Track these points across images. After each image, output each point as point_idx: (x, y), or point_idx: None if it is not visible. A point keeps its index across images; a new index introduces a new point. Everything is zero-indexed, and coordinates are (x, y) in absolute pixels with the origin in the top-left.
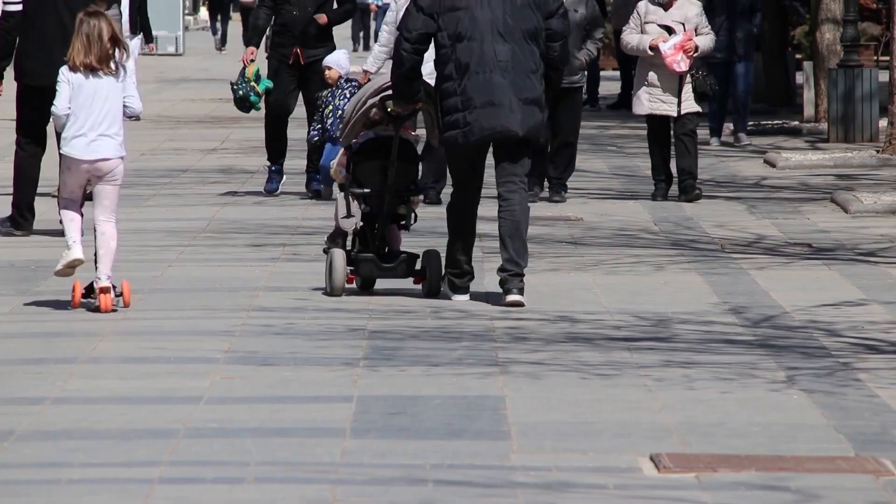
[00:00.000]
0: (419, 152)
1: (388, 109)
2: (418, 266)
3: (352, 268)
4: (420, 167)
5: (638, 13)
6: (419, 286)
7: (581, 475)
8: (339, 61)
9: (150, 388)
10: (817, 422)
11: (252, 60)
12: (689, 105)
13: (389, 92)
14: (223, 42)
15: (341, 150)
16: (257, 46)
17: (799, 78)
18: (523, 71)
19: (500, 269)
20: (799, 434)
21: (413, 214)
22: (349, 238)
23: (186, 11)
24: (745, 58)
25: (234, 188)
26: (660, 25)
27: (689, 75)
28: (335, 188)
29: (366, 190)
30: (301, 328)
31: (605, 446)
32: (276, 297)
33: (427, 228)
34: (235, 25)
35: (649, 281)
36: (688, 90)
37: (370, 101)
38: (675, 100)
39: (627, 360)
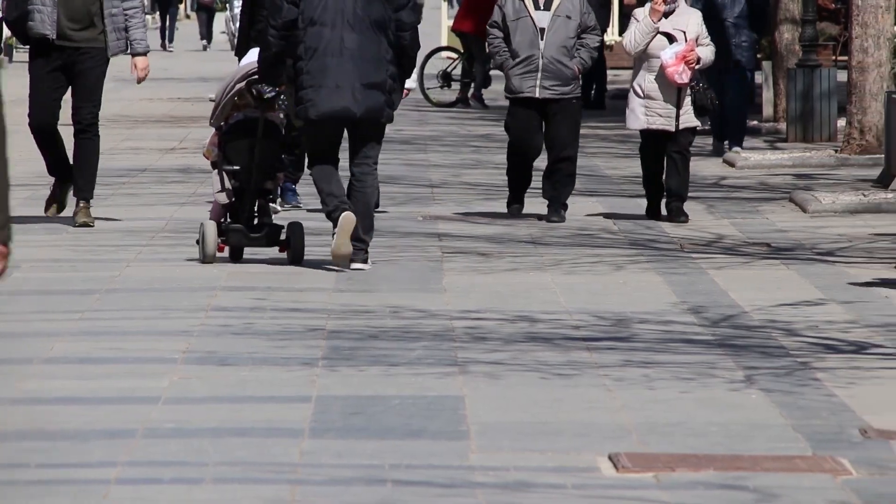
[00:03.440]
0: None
1: (256, 93)
2: (283, 236)
3: (223, 237)
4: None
5: (636, 19)
6: (284, 254)
7: (540, 475)
8: None
9: (108, 388)
10: (776, 421)
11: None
12: (688, 119)
13: (255, 77)
14: (170, 40)
15: (214, 131)
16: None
17: (758, 78)
18: (368, 57)
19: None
20: (757, 433)
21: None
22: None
23: (146, 11)
24: (742, 66)
25: (193, 188)
26: (661, 33)
27: (689, 87)
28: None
29: (235, 167)
30: (259, 328)
31: (564, 446)
32: (234, 296)
33: (388, 228)
34: (189, 25)
35: (608, 281)
36: (687, 103)
37: (238, 86)
38: (674, 113)
39: (587, 359)
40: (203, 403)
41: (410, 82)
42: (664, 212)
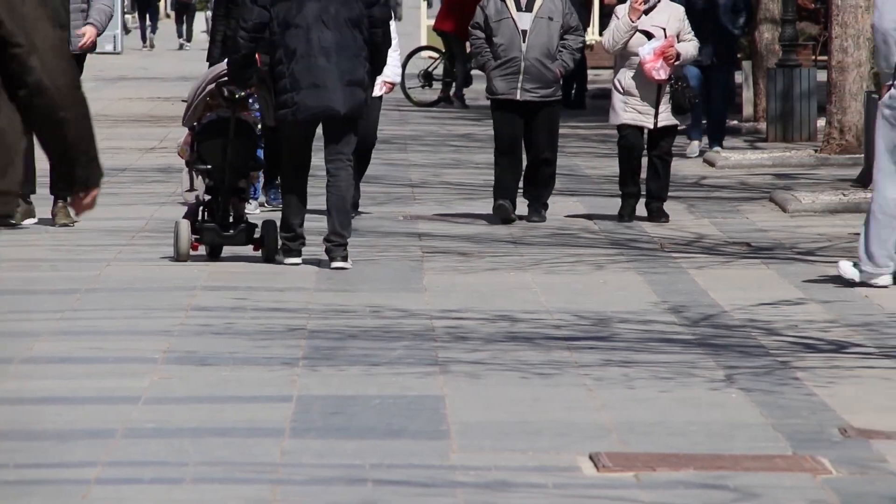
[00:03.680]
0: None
1: (227, 93)
2: (257, 234)
3: (197, 236)
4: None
5: (616, 16)
6: (258, 252)
7: (520, 474)
8: None
9: (88, 388)
10: (756, 420)
11: None
12: (667, 118)
13: (226, 78)
14: (151, 41)
15: (187, 131)
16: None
17: (738, 77)
18: (346, 55)
19: (326, 240)
20: (737, 433)
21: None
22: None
23: (125, 10)
24: (723, 64)
25: (174, 188)
26: (640, 31)
27: (667, 85)
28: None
29: (208, 166)
30: (240, 328)
31: (545, 445)
32: (214, 296)
33: (369, 228)
34: (170, 24)
35: (589, 280)
36: (666, 101)
37: (209, 87)
38: (653, 110)
39: (567, 359)
40: (183, 403)
41: (394, 76)
42: (645, 212)
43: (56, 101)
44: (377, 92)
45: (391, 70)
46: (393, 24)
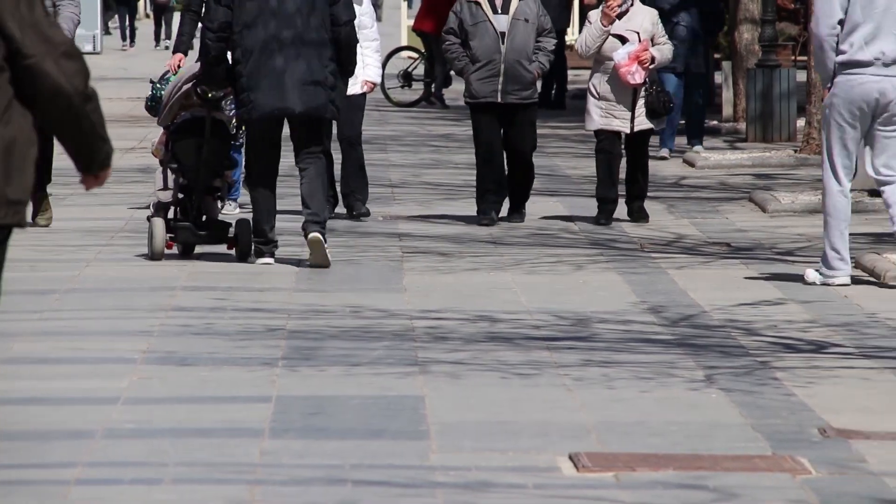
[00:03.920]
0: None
1: (201, 93)
2: (231, 233)
3: (171, 235)
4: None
5: (589, 21)
6: (232, 251)
7: (500, 475)
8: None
9: (67, 388)
10: (735, 421)
11: (180, 67)
12: (643, 121)
13: (200, 78)
14: (131, 40)
15: (162, 130)
16: (185, 54)
17: (717, 78)
18: (307, 54)
19: (304, 224)
20: (717, 433)
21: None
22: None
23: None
24: (699, 67)
25: (153, 188)
26: (613, 35)
27: (643, 89)
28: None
29: (183, 165)
30: (220, 328)
31: (525, 446)
32: (194, 296)
33: (348, 228)
34: (149, 24)
35: (569, 280)
36: (642, 105)
37: (185, 87)
38: (629, 115)
39: (547, 359)
40: (163, 403)
41: (375, 76)
42: (625, 214)
43: (74, 101)
44: (358, 90)
45: (372, 70)
46: (375, 24)
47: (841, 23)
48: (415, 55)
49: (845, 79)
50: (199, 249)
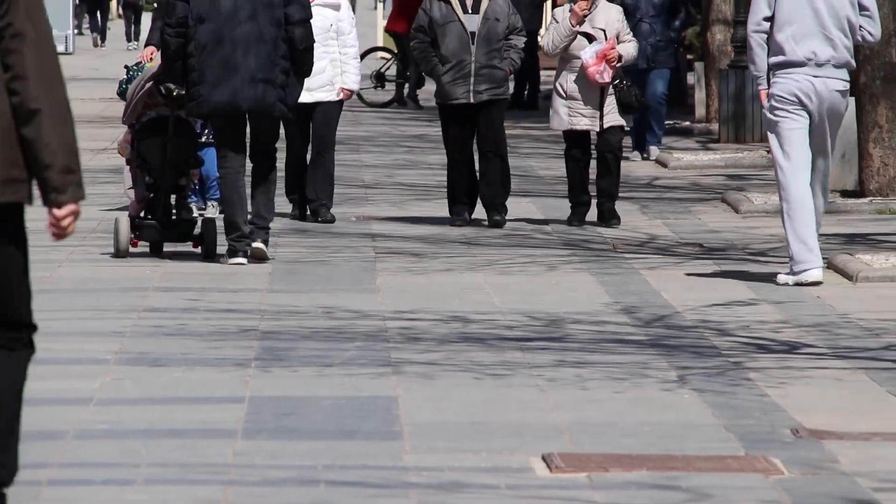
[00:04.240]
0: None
1: (165, 91)
2: (197, 231)
3: (136, 232)
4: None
5: (555, 19)
6: (198, 250)
7: (473, 475)
8: None
9: (40, 389)
10: (708, 421)
11: (151, 59)
12: (613, 118)
13: (162, 76)
14: (102, 39)
15: (126, 129)
16: (157, 48)
17: (690, 78)
18: (259, 52)
19: (249, 222)
20: (690, 433)
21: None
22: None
23: (75, 12)
24: (661, 65)
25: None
26: (580, 33)
27: (612, 86)
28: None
29: (148, 164)
30: (193, 329)
31: (498, 446)
32: (167, 297)
33: (321, 228)
34: (121, 24)
35: (542, 281)
36: (610, 102)
37: (147, 86)
38: (597, 113)
39: (520, 360)
40: (135, 404)
41: (353, 83)
42: (596, 215)
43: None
44: (334, 97)
45: (350, 77)
46: (354, 30)
47: (772, 20)
48: (388, 56)
49: (781, 78)
50: (172, 249)
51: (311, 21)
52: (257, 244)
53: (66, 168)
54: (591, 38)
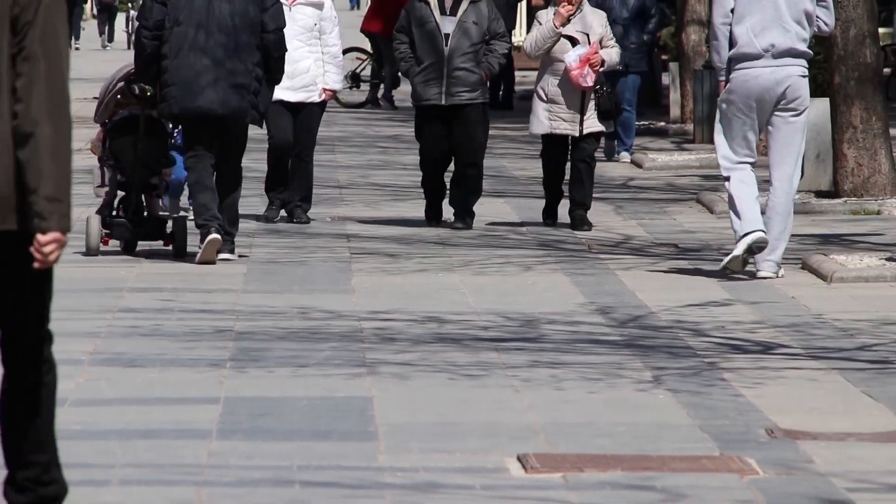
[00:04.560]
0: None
1: (137, 91)
2: (168, 230)
3: (107, 231)
4: (167, 142)
5: (539, 21)
6: (169, 248)
7: (448, 476)
8: None
9: None
10: (683, 421)
11: None
12: (592, 124)
13: (134, 75)
14: (76, 38)
15: (99, 128)
16: None
17: (665, 79)
18: (233, 58)
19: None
20: (665, 434)
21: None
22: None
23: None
24: (633, 68)
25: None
26: (563, 36)
27: (592, 91)
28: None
29: (119, 163)
30: (167, 329)
31: (473, 447)
32: (142, 298)
33: (296, 229)
34: (94, 25)
35: (517, 281)
36: (592, 107)
37: (119, 85)
38: (577, 117)
39: (495, 360)
40: (110, 405)
41: (335, 83)
42: (568, 219)
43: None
44: (316, 98)
45: (331, 77)
46: (336, 30)
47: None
48: (363, 56)
49: (740, 74)
50: (147, 248)
51: (295, 20)
52: (224, 255)
53: (53, 197)
54: (574, 42)
